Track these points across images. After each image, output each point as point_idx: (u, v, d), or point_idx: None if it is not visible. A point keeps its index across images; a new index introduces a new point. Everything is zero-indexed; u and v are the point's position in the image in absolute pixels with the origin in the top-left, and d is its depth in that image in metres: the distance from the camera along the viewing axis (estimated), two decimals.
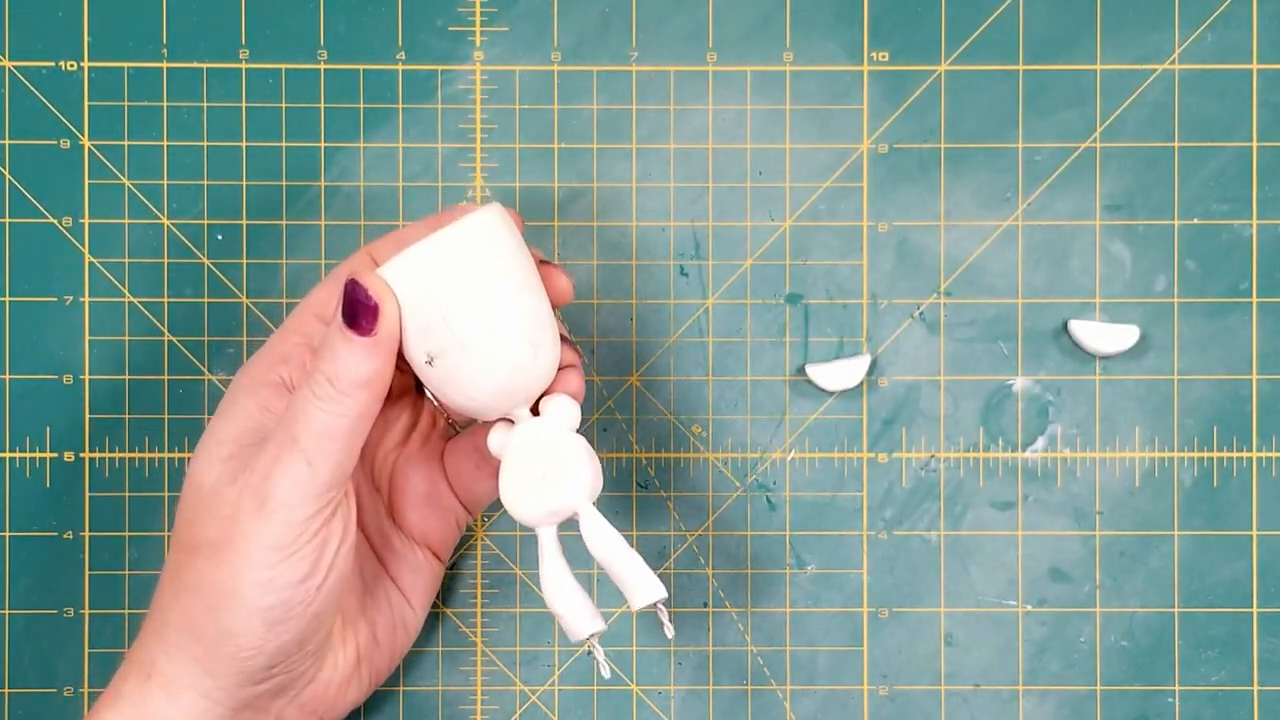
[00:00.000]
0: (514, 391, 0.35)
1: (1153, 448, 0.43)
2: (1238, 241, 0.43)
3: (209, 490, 0.34)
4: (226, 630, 0.33)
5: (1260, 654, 0.43)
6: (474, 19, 0.43)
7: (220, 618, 0.33)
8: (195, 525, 0.34)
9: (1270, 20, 0.43)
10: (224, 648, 0.33)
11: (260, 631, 0.33)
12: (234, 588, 0.33)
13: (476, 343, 0.34)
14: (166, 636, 0.34)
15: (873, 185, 0.43)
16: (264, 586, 0.33)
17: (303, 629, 0.34)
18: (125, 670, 0.35)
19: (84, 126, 0.43)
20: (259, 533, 0.33)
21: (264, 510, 0.33)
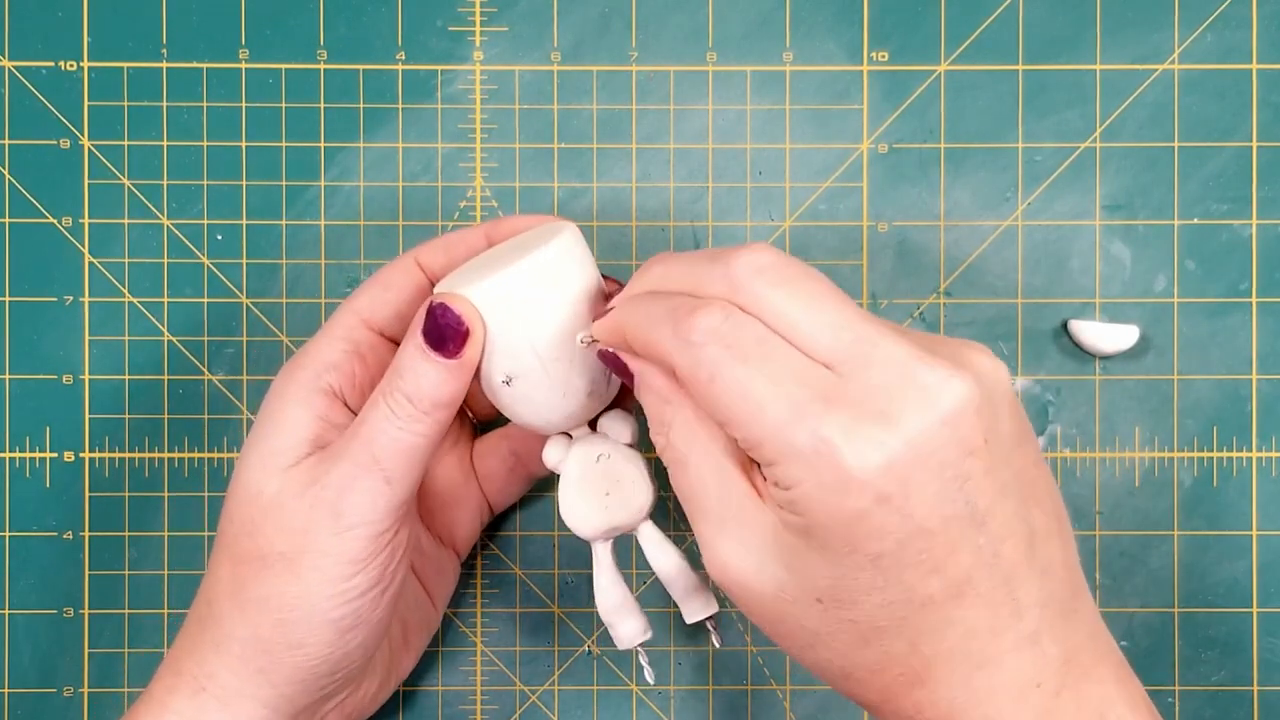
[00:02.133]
0: (586, 413, 0.36)
1: (1153, 448, 0.43)
2: (1238, 241, 0.43)
3: (271, 502, 0.34)
4: (298, 641, 0.33)
5: (1260, 654, 0.43)
6: (474, 19, 0.43)
7: (292, 630, 0.33)
8: (258, 537, 0.34)
9: (1270, 20, 0.43)
10: (292, 658, 0.33)
11: (331, 640, 0.33)
12: (308, 601, 0.33)
13: (558, 366, 0.35)
14: (229, 649, 0.34)
15: (873, 185, 0.43)
16: (338, 598, 0.33)
17: (368, 635, 0.34)
18: (171, 683, 0.35)
19: (84, 126, 0.43)
20: (335, 548, 0.33)
21: (340, 525, 0.33)
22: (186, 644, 0.35)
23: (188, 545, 0.43)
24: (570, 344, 0.34)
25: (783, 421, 0.28)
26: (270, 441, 0.34)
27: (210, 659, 0.34)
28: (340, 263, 0.43)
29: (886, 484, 0.28)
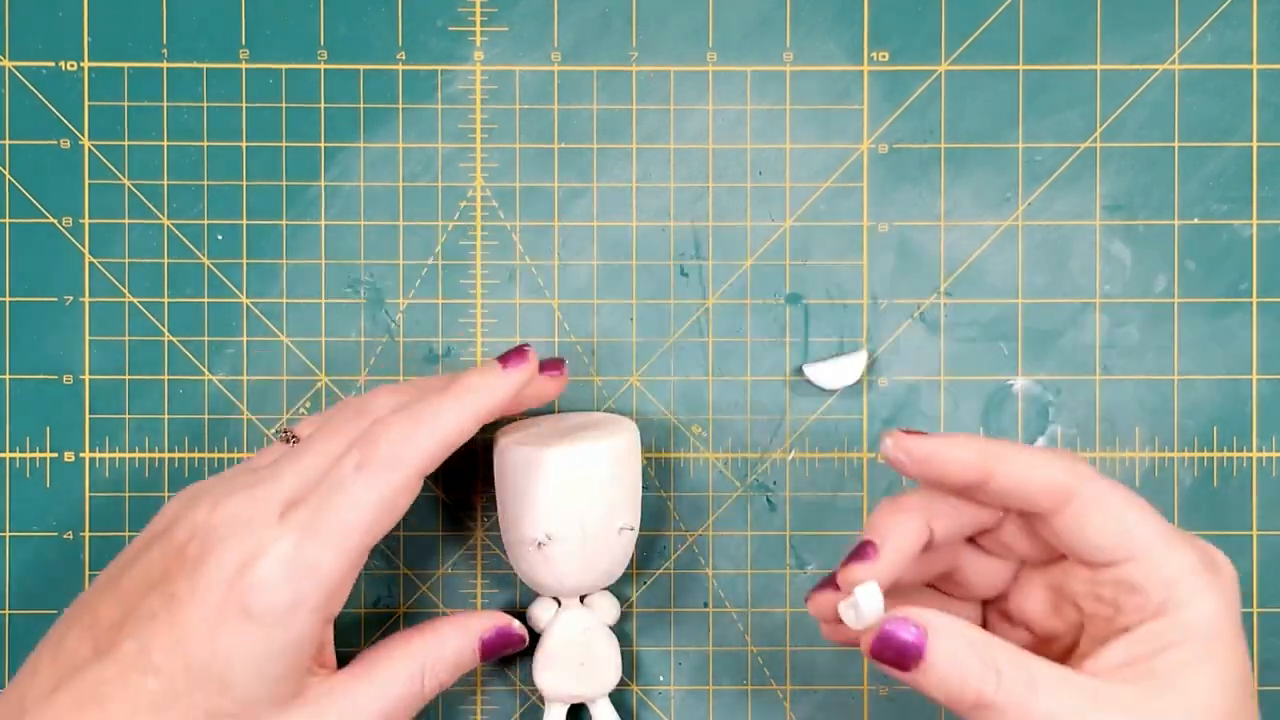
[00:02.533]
0: (588, 589, 0.40)
1: (1153, 448, 0.43)
2: (1238, 241, 0.43)
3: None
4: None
5: (1260, 654, 0.43)
6: (474, 19, 0.43)
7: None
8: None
9: (1270, 20, 0.43)
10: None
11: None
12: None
13: (595, 543, 0.39)
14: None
15: (873, 185, 0.43)
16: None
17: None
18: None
19: (84, 126, 0.43)
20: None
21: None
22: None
23: None
24: (608, 527, 0.39)
25: (1178, 543, 0.33)
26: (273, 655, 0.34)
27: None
28: (340, 263, 0.43)
29: (1240, 598, 0.33)
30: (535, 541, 0.38)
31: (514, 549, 0.39)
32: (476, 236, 0.43)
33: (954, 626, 0.32)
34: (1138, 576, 0.32)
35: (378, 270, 0.43)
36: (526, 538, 0.38)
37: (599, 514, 0.38)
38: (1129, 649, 0.32)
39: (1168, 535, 0.33)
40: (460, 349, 0.43)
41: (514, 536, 0.39)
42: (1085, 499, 0.33)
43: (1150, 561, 0.32)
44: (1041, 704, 0.31)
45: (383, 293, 0.43)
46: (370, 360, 0.43)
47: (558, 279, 0.43)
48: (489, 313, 0.43)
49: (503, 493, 0.39)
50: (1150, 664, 0.32)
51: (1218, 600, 0.32)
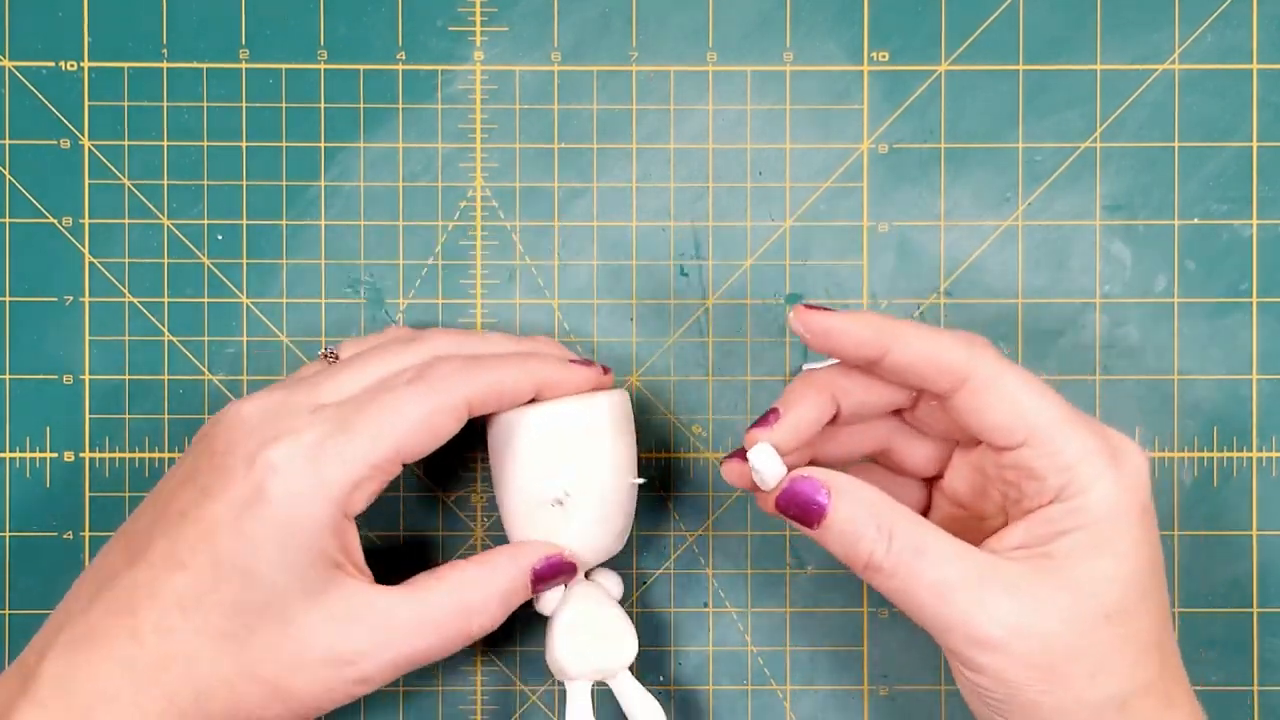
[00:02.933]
0: (598, 557, 0.39)
1: (1153, 448, 0.43)
2: (1238, 241, 0.43)
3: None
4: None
5: (1260, 654, 0.43)
6: (474, 19, 0.43)
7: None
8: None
9: (1270, 20, 0.43)
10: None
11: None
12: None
13: (613, 494, 0.38)
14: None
15: (873, 185, 0.43)
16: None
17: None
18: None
19: (84, 126, 0.43)
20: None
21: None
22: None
23: None
24: (622, 481, 0.38)
25: (1090, 429, 0.33)
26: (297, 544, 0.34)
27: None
28: (340, 263, 0.43)
29: (1149, 487, 0.33)
30: (554, 499, 0.37)
31: (526, 518, 0.38)
32: (476, 236, 0.43)
33: (855, 489, 0.34)
34: (1034, 461, 0.33)
35: (378, 270, 0.43)
36: (545, 497, 0.37)
37: (612, 466, 0.38)
38: (1027, 531, 0.33)
39: (1068, 421, 0.33)
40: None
41: (526, 500, 0.38)
42: (980, 380, 0.33)
43: (1047, 446, 0.33)
44: (928, 573, 0.32)
45: (383, 293, 0.43)
46: None
47: (558, 279, 0.43)
48: (489, 313, 0.43)
49: (509, 460, 0.38)
50: (1045, 547, 0.32)
51: (1116, 487, 0.32)
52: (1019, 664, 0.32)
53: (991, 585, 0.32)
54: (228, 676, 0.33)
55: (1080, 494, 0.32)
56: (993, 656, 0.32)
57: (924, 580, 0.32)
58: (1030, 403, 0.33)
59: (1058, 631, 0.32)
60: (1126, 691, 0.32)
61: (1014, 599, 0.32)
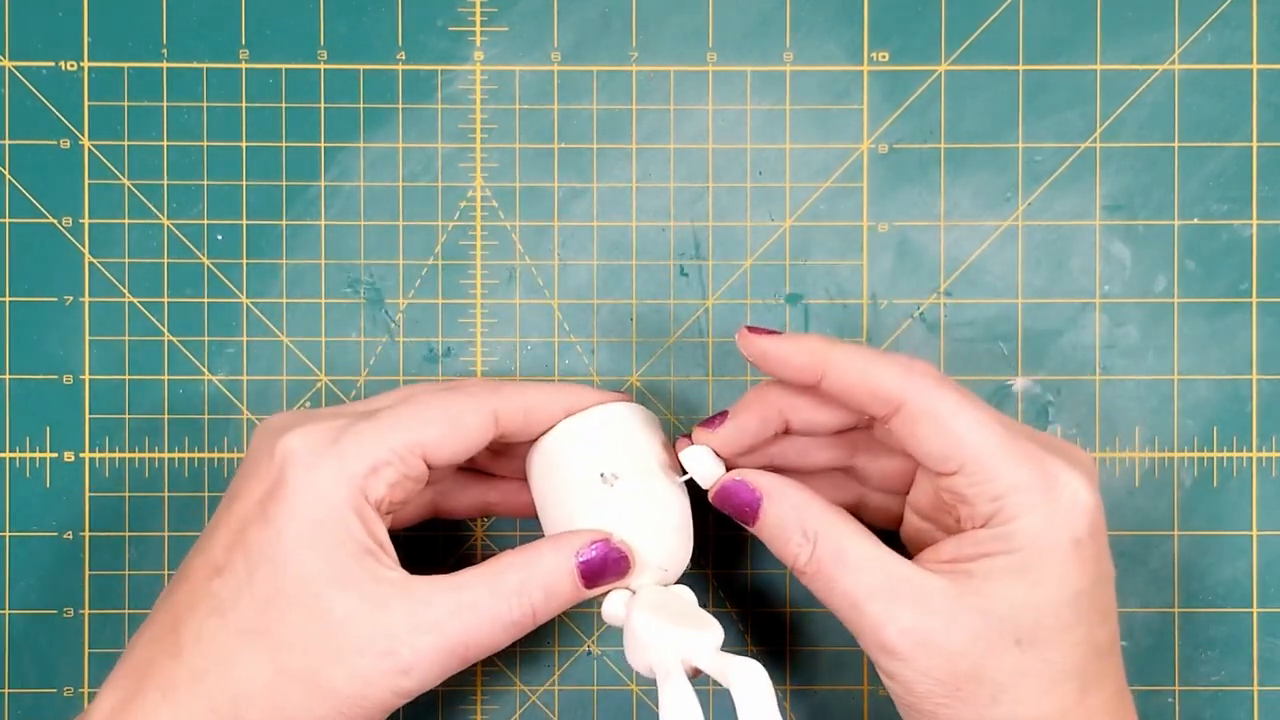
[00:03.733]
0: (666, 551, 0.36)
1: (1153, 448, 0.43)
2: (1238, 241, 0.43)
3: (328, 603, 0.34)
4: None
5: (1260, 654, 0.43)
6: (474, 19, 0.43)
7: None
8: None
9: (1270, 20, 0.43)
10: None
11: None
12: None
13: (661, 481, 0.37)
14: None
15: (873, 185, 0.43)
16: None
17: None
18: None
19: (84, 126, 0.43)
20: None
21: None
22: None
23: (187, 545, 0.43)
24: (666, 473, 0.37)
25: (1025, 458, 0.33)
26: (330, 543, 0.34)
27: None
28: (340, 263, 0.43)
29: (1093, 521, 0.33)
30: (602, 476, 0.36)
31: (570, 504, 0.36)
32: (476, 236, 0.43)
33: (785, 492, 0.35)
34: (966, 489, 0.33)
35: (378, 270, 0.43)
36: (592, 477, 0.36)
37: (655, 457, 0.37)
38: (956, 547, 0.33)
39: (1004, 451, 0.33)
40: (460, 349, 0.43)
41: (574, 479, 0.36)
42: (914, 407, 0.33)
43: (978, 476, 0.33)
44: (845, 579, 0.33)
45: (383, 293, 0.43)
46: (370, 360, 0.43)
47: (558, 279, 0.43)
48: (489, 313, 0.43)
49: (552, 470, 0.37)
50: (969, 565, 0.33)
51: (1045, 521, 0.32)
52: (923, 676, 0.32)
53: (904, 597, 0.33)
54: (264, 677, 0.32)
55: (1007, 523, 0.32)
56: (899, 666, 0.33)
57: (840, 586, 0.33)
58: (964, 431, 0.33)
59: (963, 650, 0.32)
60: (1032, 718, 0.32)
61: (924, 612, 0.32)
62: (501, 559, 0.35)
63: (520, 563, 0.34)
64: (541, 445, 0.37)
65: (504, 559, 0.35)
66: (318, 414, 0.36)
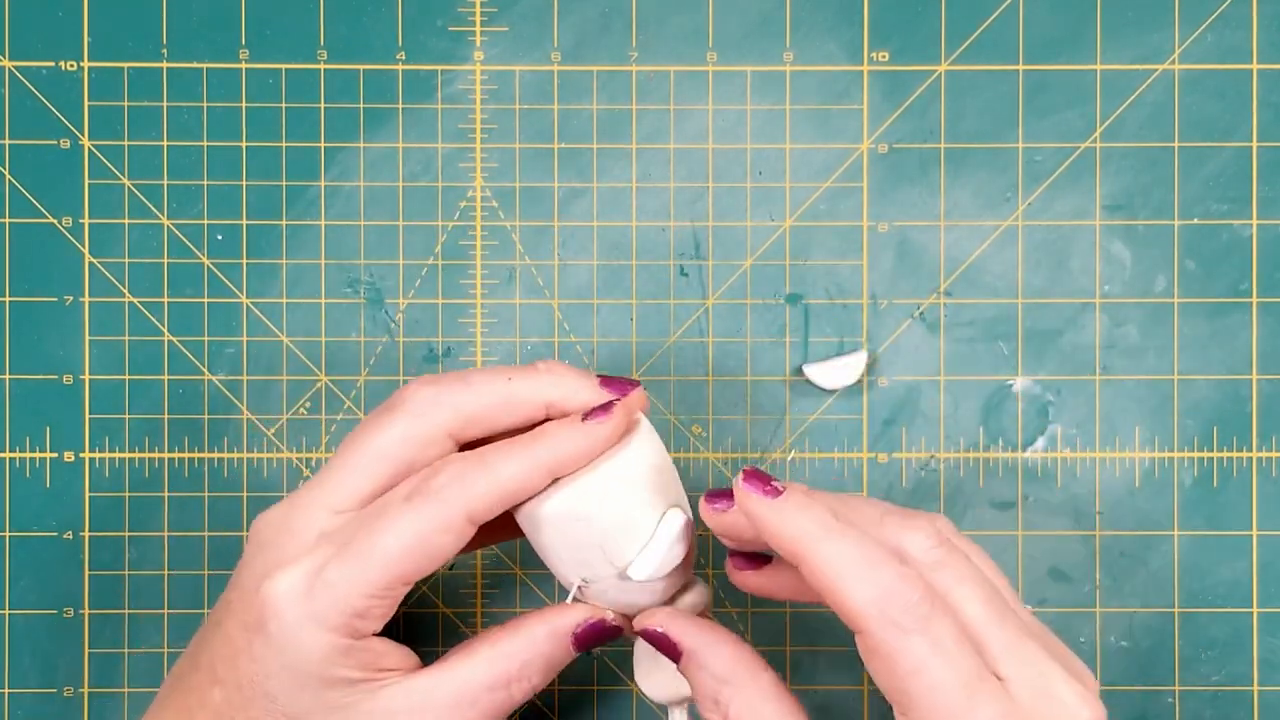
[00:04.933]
0: (663, 593, 0.35)
1: (1153, 448, 0.43)
2: (1238, 241, 0.43)
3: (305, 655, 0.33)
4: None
5: (1260, 654, 0.43)
6: (474, 19, 0.43)
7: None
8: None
9: (1270, 20, 0.43)
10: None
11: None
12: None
13: (645, 563, 0.34)
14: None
15: (873, 185, 0.43)
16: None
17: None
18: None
19: (84, 126, 0.43)
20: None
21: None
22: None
23: (188, 545, 0.43)
24: (634, 538, 0.34)
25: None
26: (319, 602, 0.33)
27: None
28: (340, 263, 0.43)
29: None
30: (577, 587, 0.35)
31: (564, 576, 0.36)
32: (476, 236, 0.43)
33: (707, 659, 0.33)
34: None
35: (378, 270, 0.43)
36: (570, 583, 0.35)
37: (634, 538, 0.34)
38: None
39: (951, 715, 0.30)
40: (460, 349, 0.43)
41: (560, 572, 0.35)
42: (870, 642, 0.30)
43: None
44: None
45: (383, 293, 0.43)
46: (370, 360, 0.43)
47: (558, 279, 0.43)
48: (489, 313, 0.43)
49: (536, 547, 0.36)
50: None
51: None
52: None
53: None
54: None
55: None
56: None
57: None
58: (916, 692, 0.30)
59: None
60: None
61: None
62: (498, 644, 0.34)
63: (518, 650, 0.34)
64: (524, 522, 0.35)
65: (500, 644, 0.34)
66: (300, 527, 0.34)
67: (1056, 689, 0.31)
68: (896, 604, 0.30)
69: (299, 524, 0.34)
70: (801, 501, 0.31)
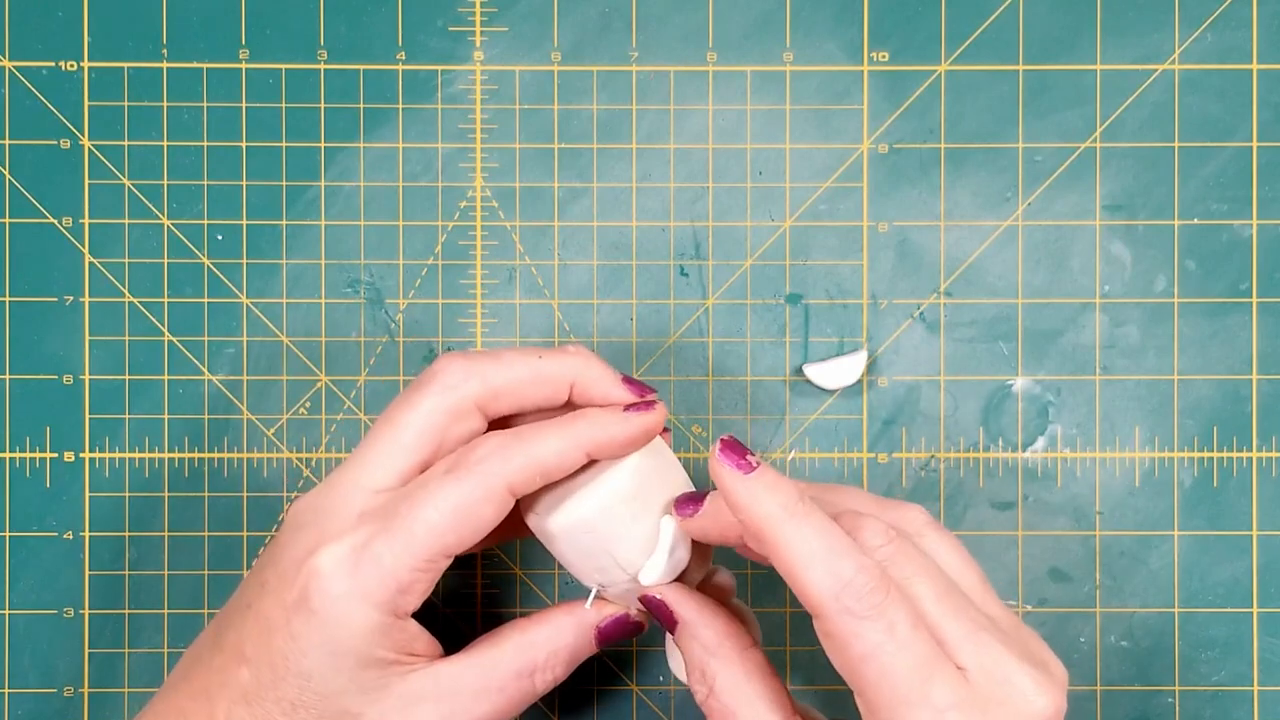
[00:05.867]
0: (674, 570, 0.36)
1: (1153, 448, 0.43)
2: (1238, 241, 0.43)
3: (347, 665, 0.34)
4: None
5: (1260, 654, 0.43)
6: (474, 19, 0.43)
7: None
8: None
9: (1270, 20, 0.43)
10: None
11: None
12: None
13: (656, 566, 0.35)
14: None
15: (873, 185, 0.43)
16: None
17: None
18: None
19: (84, 126, 0.43)
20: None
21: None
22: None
23: (188, 545, 0.43)
24: (644, 543, 0.35)
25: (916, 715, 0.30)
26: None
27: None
28: (340, 263, 0.43)
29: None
30: (594, 593, 0.36)
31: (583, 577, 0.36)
32: (476, 236, 0.43)
33: (697, 631, 0.34)
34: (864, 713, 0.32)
35: (378, 270, 0.43)
36: (588, 586, 0.36)
37: (626, 548, 0.35)
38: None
39: (899, 704, 0.30)
40: (460, 349, 0.43)
41: (579, 575, 0.36)
42: (826, 626, 0.31)
43: (864, 703, 0.31)
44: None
45: (383, 293, 0.43)
46: (370, 360, 0.43)
47: (558, 279, 0.43)
48: (489, 313, 0.43)
49: (550, 544, 0.36)
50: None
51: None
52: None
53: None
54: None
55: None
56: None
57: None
58: (870, 676, 0.31)
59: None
60: None
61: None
62: (524, 633, 0.35)
63: (544, 640, 0.35)
64: (537, 532, 0.36)
65: (527, 633, 0.35)
66: (340, 506, 0.34)
67: (1013, 677, 0.31)
68: (852, 591, 0.31)
69: (339, 503, 0.34)
70: (770, 481, 0.32)
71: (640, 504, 0.34)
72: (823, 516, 0.32)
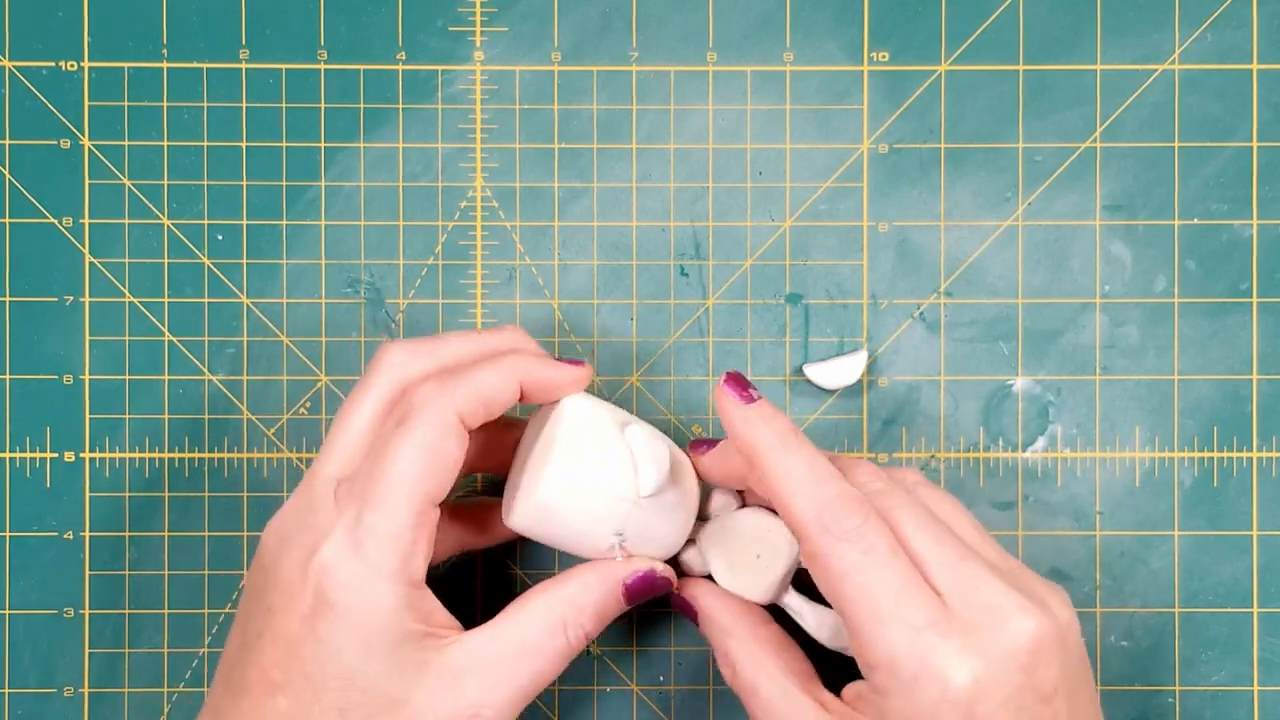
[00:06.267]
0: (690, 529, 0.38)
1: (1153, 448, 0.43)
2: (1238, 241, 0.43)
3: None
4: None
5: (1260, 654, 0.43)
6: (474, 19, 0.43)
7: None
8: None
9: (1270, 20, 0.43)
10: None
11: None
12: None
13: (657, 509, 0.36)
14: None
15: (873, 185, 0.43)
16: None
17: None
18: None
19: (84, 126, 0.43)
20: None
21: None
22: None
23: (188, 545, 0.43)
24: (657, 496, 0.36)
25: (896, 641, 0.31)
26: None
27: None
28: (340, 263, 0.43)
29: (969, 712, 0.31)
30: (616, 545, 0.36)
31: (590, 550, 0.37)
32: (476, 236, 0.43)
33: (713, 618, 0.37)
34: (853, 645, 0.33)
35: (378, 270, 0.43)
36: (604, 550, 0.36)
37: (611, 473, 0.35)
38: (855, 690, 0.34)
39: (879, 621, 0.31)
40: None
41: (588, 544, 0.36)
42: (809, 548, 0.33)
43: (859, 639, 0.32)
44: (755, 713, 0.35)
45: (383, 293, 0.43)
46: None
47: (558, 279, 0.43)
48: (489, 313, 0.43)
49: (546, 525, 0.37)
50: (880, 705, 0.32)
51: (909, 709, 0.31)
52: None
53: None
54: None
55: (878, 694, 0.32)
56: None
57: (752, 713, 0.35)
58: (849, 594, 0.32)
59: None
60: None
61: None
62: (550, 592, 0.35)
63: (572, 596, 0.35)
64: (533, 520, 0.36)
65: (553, 592, 0.35)
66: (316, 506, 0.34)
67: (995, 599, 0.32)
68: (833, 514, 0.33)
69: (315, 502, 0.34)
70: (767, 413, 0.34)
71: (598, 432, 0.36)
72: (813, 449, 0.34)
